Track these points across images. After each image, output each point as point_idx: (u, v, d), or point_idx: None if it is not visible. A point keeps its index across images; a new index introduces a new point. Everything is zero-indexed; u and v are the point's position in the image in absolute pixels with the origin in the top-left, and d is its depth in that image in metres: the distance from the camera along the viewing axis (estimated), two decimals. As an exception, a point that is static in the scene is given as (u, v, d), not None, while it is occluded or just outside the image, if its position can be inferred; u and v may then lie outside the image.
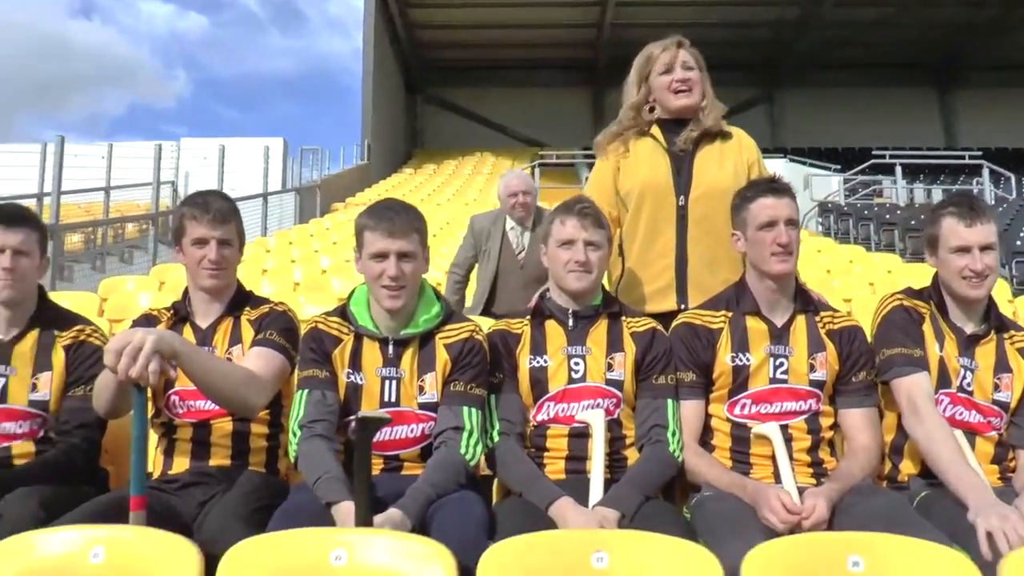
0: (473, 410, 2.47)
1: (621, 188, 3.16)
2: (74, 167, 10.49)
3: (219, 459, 2.57)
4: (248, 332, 2.66)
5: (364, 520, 2.01)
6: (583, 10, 27.29)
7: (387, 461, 2.46)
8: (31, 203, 9.65)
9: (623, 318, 2.68)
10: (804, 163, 19.48)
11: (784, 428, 2.50)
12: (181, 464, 2.57)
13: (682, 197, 3.07)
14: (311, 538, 1.93)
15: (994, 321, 2.63)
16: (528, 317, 2.69)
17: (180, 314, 2.70)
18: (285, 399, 2.66)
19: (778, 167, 18.52)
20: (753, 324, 2.62)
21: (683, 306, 2.98)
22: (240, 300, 2.74)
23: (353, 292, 2.64)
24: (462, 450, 2.39)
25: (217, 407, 2.52)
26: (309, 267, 8.47)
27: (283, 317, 2.69)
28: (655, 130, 3.16)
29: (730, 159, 3.13)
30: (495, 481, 2.60)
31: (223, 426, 2.59)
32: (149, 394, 2.39)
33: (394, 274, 2.42)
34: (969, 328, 2.60)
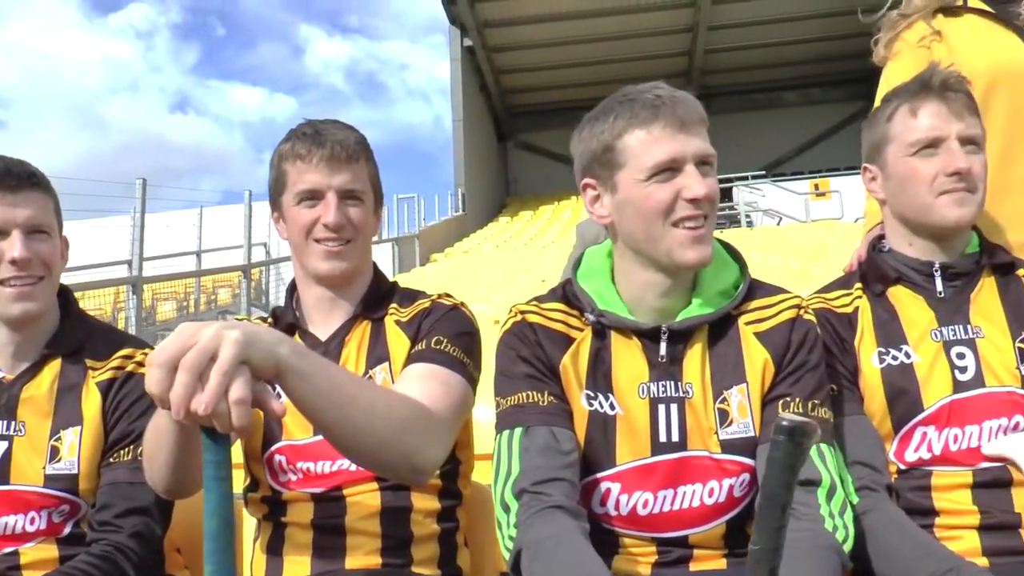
0: (825, 448, 1.48)
1: None
2: (163, 239, 10.14)
3: (361, 556, 1.59)
4: (399, 341, 1.68)
5: None
6: (671, 39, 26.28)
7: (663, 547, 1.49)
8: (122, 270, 9.23)
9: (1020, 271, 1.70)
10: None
11: None
12: (298, 569, 1.61)
13: None
14: None
15: None
16: (858, 285, 1.73)
17: (283, 322, 1.75)
18: (463, 451, 1.74)
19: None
20: None
21: None
22: (380, 291, 1.78)
23: (580, 261, 1.67)
24: (827, 524, 1.38)
25: (357, 468, 1.57)
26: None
27: (455, 314, 1.69)
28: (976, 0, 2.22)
29: None
30: None
31: (366, 500, 1.61)
32: (234, 448, 1.33)
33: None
34: None
